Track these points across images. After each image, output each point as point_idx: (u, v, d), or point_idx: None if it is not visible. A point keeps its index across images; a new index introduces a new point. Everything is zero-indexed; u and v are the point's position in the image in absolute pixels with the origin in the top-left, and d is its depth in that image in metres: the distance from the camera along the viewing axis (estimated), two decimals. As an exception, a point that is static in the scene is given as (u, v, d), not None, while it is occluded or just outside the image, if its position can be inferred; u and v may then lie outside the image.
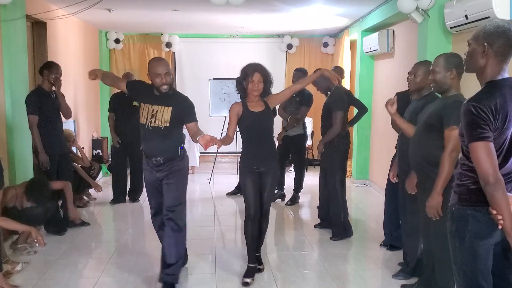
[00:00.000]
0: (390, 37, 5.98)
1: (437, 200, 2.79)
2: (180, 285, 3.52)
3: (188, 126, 3.43)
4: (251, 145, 3.55)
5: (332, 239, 4.51)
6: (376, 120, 6.71)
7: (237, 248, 4.35)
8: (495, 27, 1.95)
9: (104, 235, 4.86)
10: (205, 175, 7.52)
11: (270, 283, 3.54)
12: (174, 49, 8.60)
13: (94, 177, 5.80)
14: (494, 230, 1.97)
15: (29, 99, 4.44)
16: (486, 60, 1.98)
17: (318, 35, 8.55)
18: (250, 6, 5.52)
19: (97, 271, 3.78)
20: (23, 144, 4.42)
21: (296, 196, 5.95)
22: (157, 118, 3.32)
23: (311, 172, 6.65)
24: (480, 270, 2.05)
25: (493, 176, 1.87)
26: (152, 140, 3.37)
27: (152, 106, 3.34)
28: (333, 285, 3.52)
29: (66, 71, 5.54)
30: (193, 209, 5.71)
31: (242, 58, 6.64)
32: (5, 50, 4.22)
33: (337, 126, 4.37)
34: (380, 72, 6.67)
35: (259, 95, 3.49)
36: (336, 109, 4.38)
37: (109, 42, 8.37)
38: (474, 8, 3.72)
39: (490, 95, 1.93)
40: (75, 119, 6.42)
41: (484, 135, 1.89)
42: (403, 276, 3.57)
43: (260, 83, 3.45)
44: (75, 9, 5.44)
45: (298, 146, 5.85)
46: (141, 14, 6.48)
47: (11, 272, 3.59)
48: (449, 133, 2.76)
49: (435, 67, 2.89)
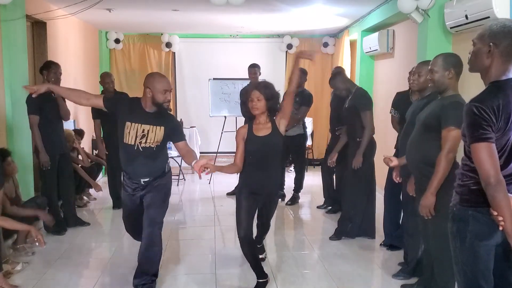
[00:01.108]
0: (390, 37, 5.98)
1: (430, 200, 2.79)
2: (180, 285, 3.52)
3: (178, 145, 3.26)
4: (253, 168, 3.29)
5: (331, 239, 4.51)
6: (376, 120, 6.66)
7: (237, 248, 4.34)
8: (502, 26, 1.93)
9: (104, 235, 4.86)
10: (205, 175, 7.51)
11: (270, 283, 3.54)
12: (174, 49, 8.60)
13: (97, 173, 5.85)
14: (495, 231, 1.97)
15: (30, 99, 4.43)
16: (491, 60, 1.97)
17: (318, 35, 8.55)
18: (250, 6, 5.52)
19: (97, 271, 3.78)
20: (23, 144, 4.42)
21: (296, 196, 5.95)
22: (149, 138, 3.11)
23: (311, 172, 6.65)
24: (480, 270, 2.04)
25: (494, 177, 1.87)
26: (141, 161, 3.15)
27: (142, 125, 3.10)
28: (333, 285, 3.52)
29: (66, 71, 5.54)
30: (193, 209, 5.72)
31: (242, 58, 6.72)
32: (5, 50, 4.22)
33: (370, 127, 4.25)
34: (380, 72, 6.66)
35: (262, 114, 3.24)
36: (364, 109, 4.26)
37: (109, 42, 8.37)
38: (474, 8, 3.72)
39: (493, 95, 1.92)
40: (75, 119, 6.42)
41: (486, 136, 1.89)
42: (403, 276, 3.57)
43: (260, 100, 3.19)
44: (75, 9, 5.44)
45: (298, 146, 5.85)
46: (141, 14, 6.48)
47: (11, 272, 3.59)
48: (446, 134, 2.75)
49: (434, 66, 2.88)
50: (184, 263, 4.06)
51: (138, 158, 3.15)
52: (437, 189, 2.77)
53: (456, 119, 2.67)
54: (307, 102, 5.69)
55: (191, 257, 4.21)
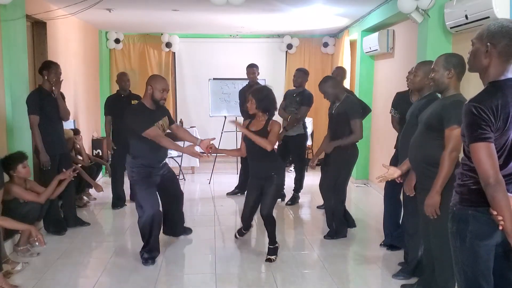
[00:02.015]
0: (390, 37, 5.98)
1: (435, 199, 2.80)
2: (180, 285, 3.52)
3: (173, 128, 4.16)
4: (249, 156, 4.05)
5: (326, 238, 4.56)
6: (376, 120, 6.71)
7: (237, 248, 4.35)
8: (500, 27, 1.94)
9: (104, 235, 4.86)
10: (205, 175, 7.52)
11: (270, 283, 3.55)
12: (174, 49, 8.59)
13: (97, 173, 5.87)
14: (495, 230, 1.97)
15: (30, 99, 4.44)
16: (489, 60, 1.97)
17: (318, 35, 8.55)
18: (250, 6, 5.52)
19: (97, 271, 3.78)
20: (23, 144, 4.41)
21: (296, 196, 5.95)
22: (164, 129, 3.98)
23: (311, 172, 6.64)
24: (481, 270, 2.05)
25: (493, 177, 1.87)
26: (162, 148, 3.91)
27: (158, 123, 3.89)
28: (333, 285, 3.52)
29: (66, 71, 5.54)
30: (193, 209, 5.72)
31: (242, 58, 6.72)
32: (5, 50, 4.22)
33: (358, 133, 4.34)
34: (380, 72, 6.67)
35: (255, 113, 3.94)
36: (354, 117, 4.34)
37: (109, 42, 8.37)
38: (474, 8, 3.72)
39: (492, 95, 1.92)
40: (75, 119, 6.42)
41: (485, 136, 1.89)
42: (403, 276, 3.57)
43: (252, 104, 3.88)
44: (75, 9, 5.44)
45: (299, 146, 5.84)
46: (141, 14, 6.48)
47: (11, 272, 3.60)
48: (449, 133, 2.76)
49: (435, 65, 2.90)
50: (184, 263, 4.06)
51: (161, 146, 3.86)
52: (442, 188, 2.78)
53: (458, 118, 2.67)
54: (308, 102, 5.69)
55: (191, 257, 4.22)
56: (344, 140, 4.36)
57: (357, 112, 4.40)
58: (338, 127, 4.44)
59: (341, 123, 4.40)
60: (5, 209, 3.76)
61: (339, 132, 4.41)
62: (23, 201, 3.97)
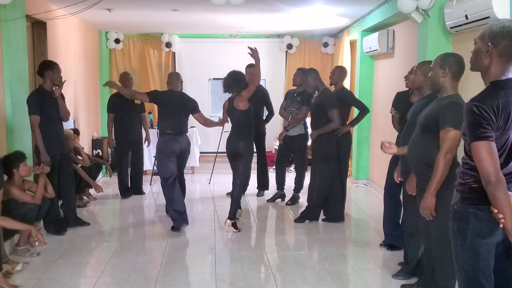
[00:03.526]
0: (390, 37, 5.98)
1: (430, 201, 2.78)
2: (180, 285, 3.52)
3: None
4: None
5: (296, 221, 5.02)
6: (376, 120, 6.71)
7: (237, 248, 4.35)
8: (501, 27, 1.95)
9: (104, 235, 4.85)
10: (205, 175, 7.52)
11: (270, 283, 3.54)
12: (174, 49, 8.59)
13: (97, 173, 5.89)
14: (495, 229, 1.97)
15: (30, 99, 4.44)
16: (490, 60, 1.99)
17: (318, 35, 8.55)
18: (250, 6, 5.52)
19: (97, 271, 3.78)
20: (23, 144, 4.41)
21: (296, 196, 5.95)
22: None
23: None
24: (481, 269, 2.05)
25: (494, 175, 1.88)
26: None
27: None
28: (333, 285, 3.52)
29: (66, 71, 5.54)
30: (193, 209, 5.71)
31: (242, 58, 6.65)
32: (5, 50, 4.22)
33: (337, 121, 4.78)
34: (380, 72, 6.67)
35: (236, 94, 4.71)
36: (331, 108, 4.76)
37: (109, 42, 8.37)
38: (474, 8, 3.72)
39: (493, 95, 1.93)
40: (75, 119, 6.42)
41: (486, 135, 1.90)
42: (403, 276, 3.57)
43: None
44: (75, 9, 5.44)
45: (299, 146, 5.84)
46: (141, 14, 6.48)
47: (11, 272, 3.59)
48: (444, 135, 2.73)
49: (432, 64, 2.90)
50: (184, 263, 4.06)
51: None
52: (437, 190, 2.76)
53: (453, 119, 2.67)
54: (308, 102, 5.68)
55: (191, 257, 4.21)
56: (324, 128, 4.82)
57: (332, 103, 4.79)
58: (318, 117, 4.92)
59: (319, 114, 4.88)
60: (4, 209, 3.75)
61: (320, 122, 4.87)
62: (21, 202, 3.97)
